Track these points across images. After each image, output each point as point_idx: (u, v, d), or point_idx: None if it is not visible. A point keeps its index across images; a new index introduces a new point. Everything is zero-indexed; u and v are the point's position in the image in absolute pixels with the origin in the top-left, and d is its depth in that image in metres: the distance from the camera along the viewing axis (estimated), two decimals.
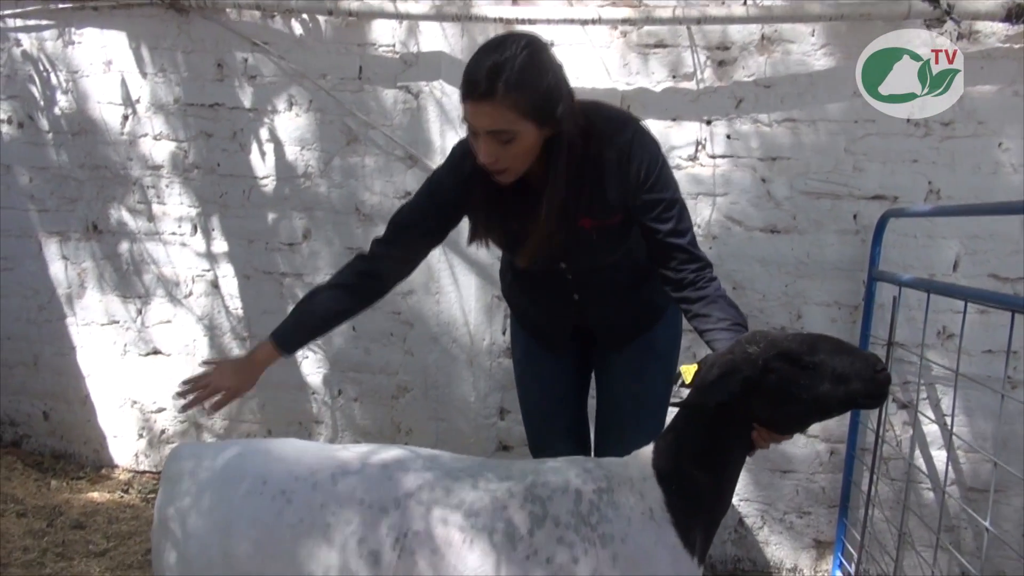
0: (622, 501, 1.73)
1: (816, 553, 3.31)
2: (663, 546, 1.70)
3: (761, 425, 1.70)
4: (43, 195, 4.01)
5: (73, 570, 3.12)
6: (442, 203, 2.13)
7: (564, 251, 2.12)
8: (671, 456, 1.75)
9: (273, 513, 1.72)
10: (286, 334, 2.17)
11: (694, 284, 1.99)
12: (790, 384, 1.61)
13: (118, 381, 4.06)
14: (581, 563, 1.67)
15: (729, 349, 1.72)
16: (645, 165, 1.98)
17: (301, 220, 3.68)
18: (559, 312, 2.34)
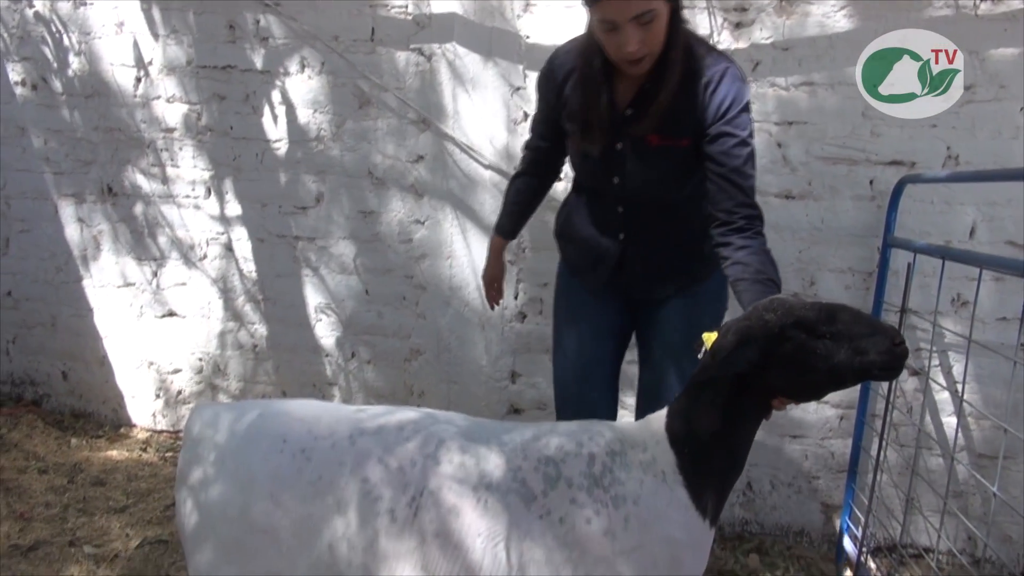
0: (635, 464, 1.75)
1: (824, 517, 3.34)
2: (675, 508, 1.72)
3: (776, 392, 1.70)
4: (58, 157, 4.03)
5: (94, 525, 3.20)
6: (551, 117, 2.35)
7: (623, 161, 2.18)
8: (684, 420, 1.76)
9: (293, 471, 1.76)
10: (504, 227, 2.66)
11: (742, 231, 2.00)
12: (806, 354, 1.60)
13: (135, 342, 4.12)
14: (593, 524, 1.69)
15: (746, 316, 1.71)
16: (731, 98, 2.03)
17: (314, 184, 3.69)
18: (603, 249, 2.35)
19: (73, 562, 2.91)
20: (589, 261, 2.42)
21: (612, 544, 1.69)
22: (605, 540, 1.69)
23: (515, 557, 1.70)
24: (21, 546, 2.99)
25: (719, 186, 2.05)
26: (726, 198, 2.04)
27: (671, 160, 2.16)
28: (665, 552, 1.71)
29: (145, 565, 2.91)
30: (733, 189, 2.04)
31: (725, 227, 2.04)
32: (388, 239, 3.63)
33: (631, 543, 1.69)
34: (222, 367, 4.01)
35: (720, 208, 2.05)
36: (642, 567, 1.70)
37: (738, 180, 2.04)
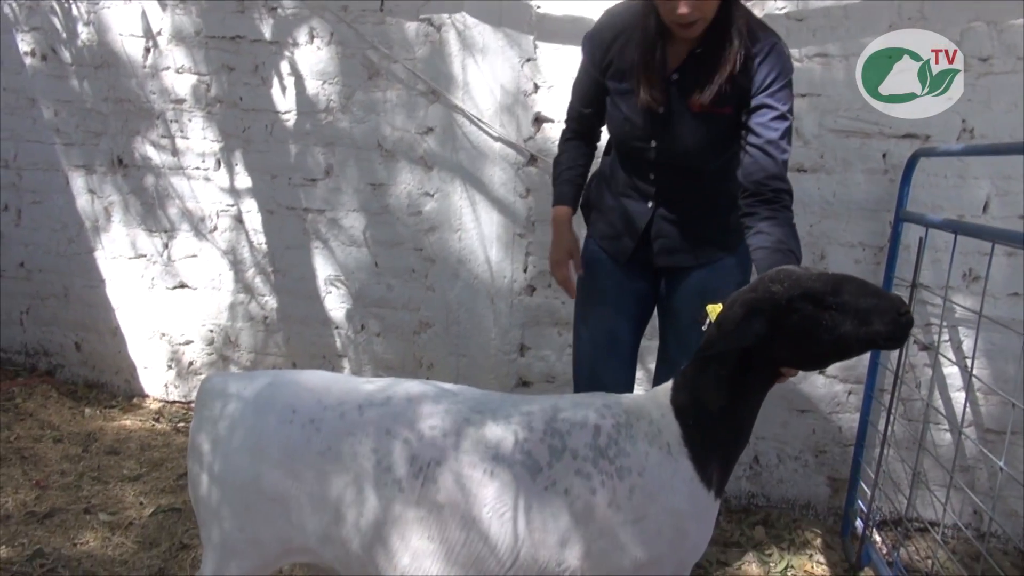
0: (640, 435, 1.76)
1: (830, 491, 3.35)
2: (680, 480, 1.73)
3: (781, 363, 1.71)
4: (68, 128, 4.03)
5: (108, 493, 3.25)
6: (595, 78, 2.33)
7: (663, 125, 2.20)
8: (689, 392, 1.77)
9: (302, 441, 1.78)
10: (564, 196, 2.48)
11: (770, 203, 2.03)
12: (813, 325, 1.60)
13: (147, 313, 4.15)
14: (598, 495, 1.71)
15: (752, 287, 1.70)
16: (776, 72, 2.07)
17: (323, 156, 3.68)
18: (632, 216, 2.38)
19: (88, 529, 2.96)
20: (617, 230, 2.44)
21: (617, 515, 1.71)
22: (610, 511, 1.71)
23: (521, 527, 1.72)
24: (37, 513, 3.04)
25: (753, 157, 2.08)
26: (758, 170, 2.06)
27: (710, 128, 2.18)
28: (670, 523, 1.73)
29: (159, 532, 2.96)
30: (767, 160, 2.06)
31: (753, 198, 2.06)
32: (397, 211, 3.62)
33: (636, 514, 1.71)
34: (233, 339, 4.04)
35: (751, 179, 2.07)
36: (647, 537, 1.72)
37: (773, 152, 2.06)
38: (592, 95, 2.40)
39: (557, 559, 1.73)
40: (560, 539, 1.72)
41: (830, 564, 2.99)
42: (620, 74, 2.25)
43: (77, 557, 2.76)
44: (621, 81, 2.26)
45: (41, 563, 2.71)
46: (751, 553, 3.04)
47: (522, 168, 3.42)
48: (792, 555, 3.03)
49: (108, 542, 2.88)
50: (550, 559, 1.73)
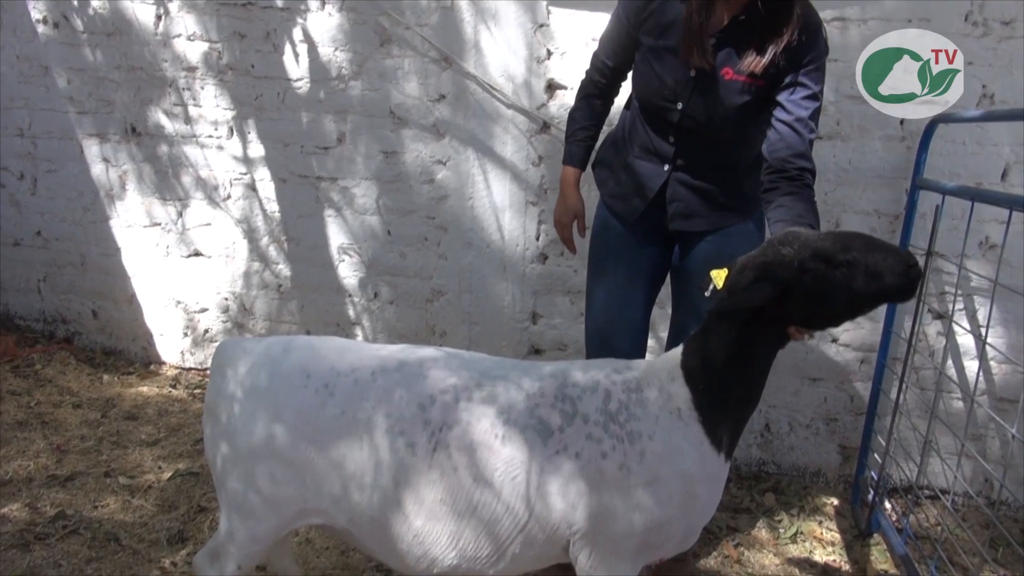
0: (650, 400, 1.78)
1: (841, 458, 3.37)
2: (690, 443, 1.75)
3: (794, 323, 1.71)
4: (81, 97, 4.04)
5: (127, 458, 3.31)
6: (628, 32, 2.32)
7: (693, 88, 2.20)
8: (700, 356, 1.78)
9: (316, 405, 1.80)
10: (573, 157, 2.54)
11: (792, 179, 2.03)
12: (825, 284, 1.61)
13: (162, 281, 4.19)
14: (609, 458, 1.74)
15: (761, 251, 1.71)
16: (812, 52, 2.08)
17: (335, 124, 3.67)
18: (646, 178, 2.37)
19: (108, 492, 3.02)
20: (629, 189, 2.43)
21: (627, 478, 1.73)
22: (620, 474, 1.73)
23: (532, 490, 1.75)
24: (58, 476, 3.10)
25: (780, 134, 2.07)
26: (785, 147, 2.06)
27: (740, 97, 2.16)
28: (680, 486, 1.75)
29: (177, 496, 3.02)
30: (794, 138, 2.06)
31: (777, 174, 2.05)
32: (410, 179, 3.62)
33: (646, 477, 1.73)
34: (248, 306, 4.08)
35: (776, 155, 2.07)
36: (657, 500, 1.74)
37: (801, 130, 2.06)
38: (620, 48, 2.37)
39: (568, 520, 1.76)
40: (571, 502, 1.75)
41: (840, 530, 3.02)
42: (659, 29, 2.22)
43: (98, 519, 2.82)
44: (659, 38, 2.23)
45: (63, 524, 2.77)
46: (761, 519, 3.07)
47: (535, 135, 3.40)
48: (802, 521, 3.06)
49: (128, 505, 2.94)
50: (561, 520, 1.76)
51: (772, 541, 2.93)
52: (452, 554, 1.79)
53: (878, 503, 2.96)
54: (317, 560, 2.66)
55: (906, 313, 3.03)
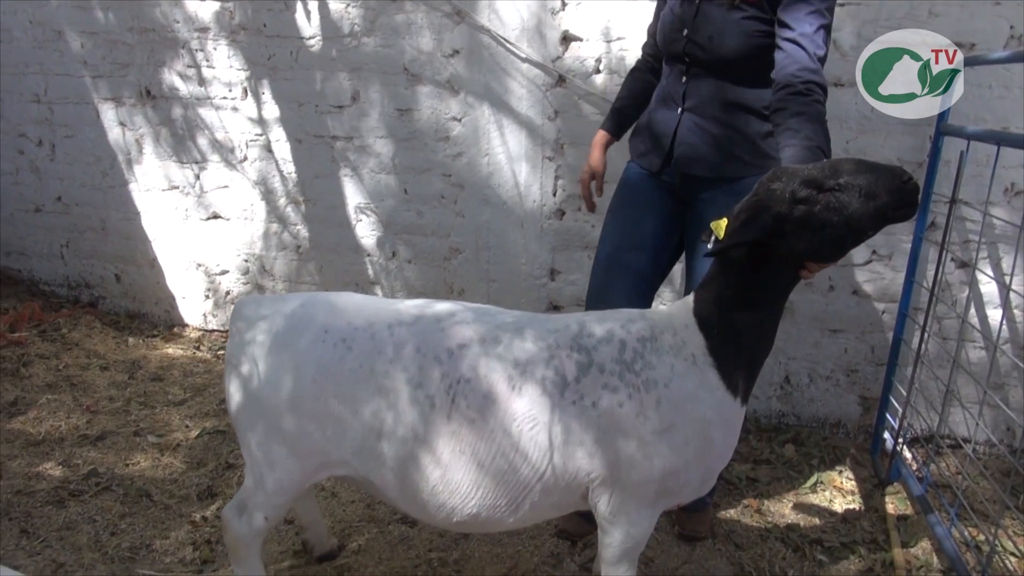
0: (665, 348, 1.79)
1: (861, 409, 3.36)
2: (706, 389, 1.77)
3: (801, 258, 1.69)
4: (95, 60, 4.03)
5: (155, 417, 3.38)
6: None
7: (695, 13, 2.25)
8: (711, 303, 1.78)
9: (335, 359, 1.82)
10: (606, 123, 2.64)
11: (801, 95, 1.98)
12: (821, 210, 1.59)
13: (182, 244, 4.22)
14: (626, 407, 1.75)
15: (753, 191, 1.70)
16: None
17: (349, 82, 3.65)
18: (664, 124, 2.40)
19: (138, 450, 3.09)
20: (650, 144, 2.46)
21: (644, 425, 1.75)
22: (637, 422, 1.75)
23: (550, 440, 1.77)
24: (90, 436, 3.18)
25: (786, 51, 2.05)
26: (791, 62, 2.02)
27: (739, 20, 2.17)
28: (697, 432, 1.77)
29: (205, 453, 3.08)
30: (800, 53, 2.02)
31: (785, 90, 2.01)
32: (425, 137, 3.60)
33: (663, 424, 1.75)
34: (267, 268, 4.11)
35: (784, 72, 2.03)
36: (674, 447, 1.76)
37: (806, 45, 2.02)
38: (657, 12, 2.47)
39: (586, 468, 1.78)
40: (589, 450, 1.77)
41: (860, 480, 3.03)
42: None
43: (129, 476, 2.89)
44: None
45: (96, 481, 2.84)
46: (781, 470, 3.08)
47: (550, 89, 3.36)
48: (822, 472, 3.07)
49: (158, 462, 3.01)
50: (579, 468, 1.78)
51: (792, 491, 2.95)
52: (471, 503, 1.82)
53: (898, 452, 2.96)
54: (343, 513, 2.71)
55: (929, 262, 3.00)
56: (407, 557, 2.47)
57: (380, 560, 2.45)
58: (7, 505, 2.67)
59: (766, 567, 2.48)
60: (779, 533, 2.66)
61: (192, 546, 2.51)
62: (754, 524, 2.72)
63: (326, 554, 2.44)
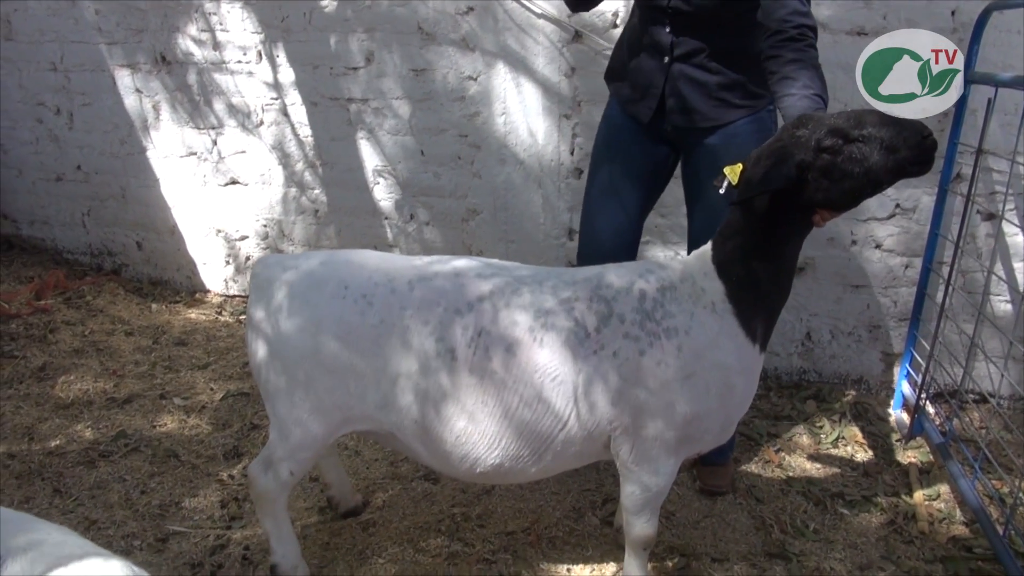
0: (684, 297, 1.81)
1: (884, 365, 3.34)
2: (725, 336, 1.78)
3: (816, 206, 1.70)
4: (110, 27, 4.02)
5: (181, 380, 3.42)
6: None
7: None
8: (730, 250, 1.78)
9: (356, 314, 1.83)
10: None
11: (794, 40, 1.94)
12: (844, 160, 1.62)
13: (201, 211, 4.24)
14: (647, 355, 1.76)
15: (776, 137, 1.70)
16: None
17: (364, 42, 3.61)
18: (651, 75, 2.35)
19: (165, 412, 3.14)
20: (639, 93, 2.40)
21: (666, 373, 1.76)
22: (659, 370, 1.76)
23: (572, 390, 1.78)
24: (117, 399, 3.23)
25: None
26: (780, 6, 1.97)
27: None
28: (718, 378, 1.79)
29: (230, 414, 3.13)
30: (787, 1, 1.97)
31: (776, 36, 1.97)
32: (441, 97, 3.57)
33: (684, 372, 1.77)
34: (286, 232, 4.12)
35: (773, 17, 1.98)
36: (696, 394, 1.78)
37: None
38: None
39: (609, 417, 1.80)
40: (611, 399, 1.78)
41: (881, 435, 3.02)
42: None
43: (157, 437, 2.94)
44: None
45: (125, 443, 2.89)
46: (802, 425, 3.08)
47: (567, 45, 3.31)
48: (843, 427, 3.06)
49: (184, 424, 3.06)
50: (601, 417, 1.80)
51: (813, 446, 2.95)
52: (494, 454, 1.84)
53: (921, 407, 2.94)
54: (367, 471, 2.75)
55: (954, 215, 2.95)
56: (430, 512, 2.51)
57: (404, 515, 2.49)
58: (39, 466, 2.73)
59: (787, 520, 2.49)
60: (800, 487, 2.67)
61: (220, 503, 2.56)
62: (775, 478, 2.73)
63: (351, 510, 2.48)
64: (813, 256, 3.27)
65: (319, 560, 2.27)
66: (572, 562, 2.28)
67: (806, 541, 2.40)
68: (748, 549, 2.36)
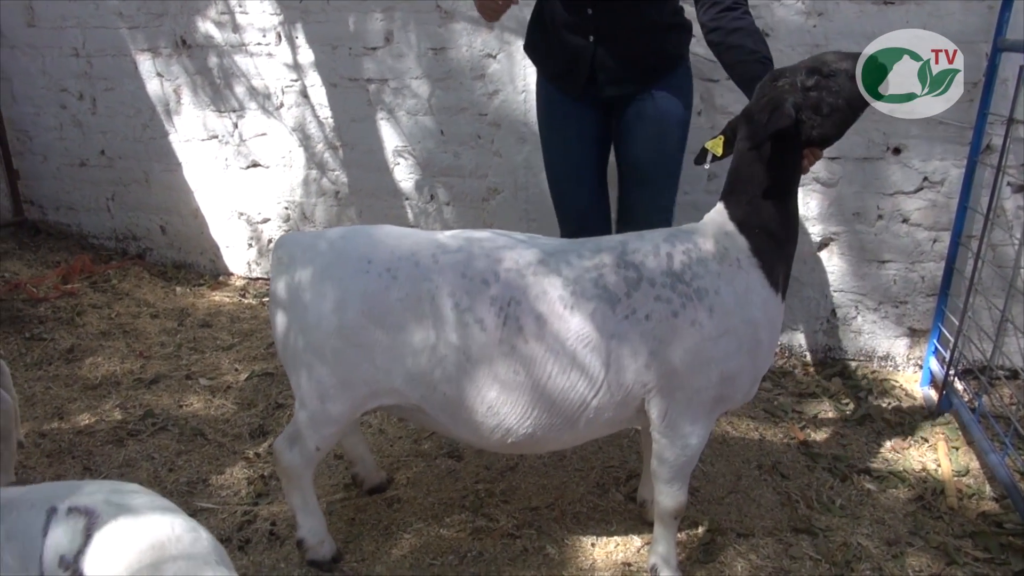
0: (710, 257, 1.85)
1: (910, 341, 3.30)
2: (753, 291, 1.84)
3: (810, 143, 1.85)
4: (130, 11, 4.04)
5: (206, 361, 3.46)
6: None
7: None
8: (745, 202, 1.86)
9: (380, 289, 1.83)
10: None
11: (731, 9, 2.14)
12: (827, 93, 1.80)
13: (224, 194, 4.27)
14: (680, 316, 1.79)
15: (760, 94, 1.85)
16: None
17: (382, 22, 3.60)
18: (576, 52, 2.46)
19: (191, 392, 3.17)
20: (564, 67, 2.53)
21: (700, 333, 1.79)
22: (693, 330, 1.79)
23: (605, 356, 1.79)
24: (144, 380, 3.27)
25: None
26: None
27: None
28: (748, 333, 1.84)
29: (255, 394, 3.16)
30: None
31: (714, 8, 2.16)
32: (460, 76, 3.55)
33: (718, 330, 1.80)
34: (308, 214, 4.13)
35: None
36: (729, 351, 1.82)
37: None
38: None
39: (643, 380, 1.82)
40: (645, 362, 1.81)
41: (909, 412, 2.99)
42: None
43: (184, 417, 2.98)
44: None
45: (152, 422, 2.93)
46: (827, 402, 3.05)
47: None
48: (870, 404, 3.03)
49: (210, 403, 3.09)
50: (635, 381, 1.82)
51: (839, 423, 2.92)
52: (526, 424, 1.84)
53: (950, 383, 2.90)
54: (391, 448, 2.77)
55: (983, 187, 2.89)
56: (454, 489, 2.52)
57: (428, 492, 2.50)
58: (69, 445, 2.78)
59: (813, 496, 2.47)
60: (826, 463, 2.65)
61: (247, 481, 2.59)
62: (800, 455, 2.71)
63: (376, 487, 2.49)
64: (838, 231, 3.22)
65: (345, 535, 2.29)
66: (597, 537, 2.29)
67: (832, 516, 2.38)
68: (774, 524, 2.34)
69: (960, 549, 2.22)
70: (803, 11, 3.02)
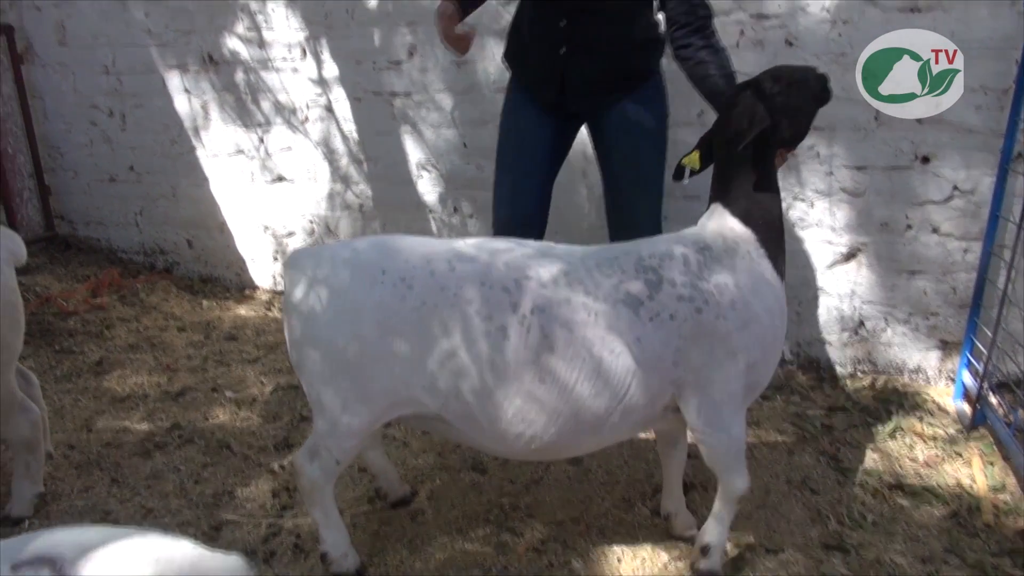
0: (722, 253, 1.92)
1: (942, 354, 3.23)
2: (764, 282, 1.93)
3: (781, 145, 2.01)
4: (159, 29, 4.11)
5: (232, 374, 3.48)
6: None
7: None
8: (744, 197, 1.96)
9: (396, 299, 1.82)
10: None
11: (700, 31, 2.29)
12: (791, 98, 1.96)
13: (250, 208, 4.31)
14: (705, 312, 1.83)
15: (733, 105, 1.99)
16: None
17: (406, 36, 3.63)
18: (549, 65, 2.52)
19: (217, 405, 3.19)
20: (538, 76, 2.60)
21: (725, 325, 1.84)
22: (718, 323, 1.84)
23: (631, 360, 1.80)
24: (171, 392, 3.30)
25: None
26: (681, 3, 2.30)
27: None
28: (766, 322, 1.91)
29: (280, 407, 3.17)
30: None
31: (685, 29, 2.29)
32: (483, 88, 3.57)
33: (740, 322, 1.86)
34: (332, 228, 4.16)
35: (678, 12, 2.31)
36: (751, 340, 1.88)
37: None
38: None
39: (671, 378, 1.85)
40: (673, 360, 1.84)
41: (941, 426, 2.92)
42: None
43: (210, 429, 2.99)
44: None
45: (179, 434, 2.95)
46: (857, 416, 3.00)
47: None
48: (901, 418, 2.97)
49: (236, 416, 3.11)
50: (663, 379, 1.85)
51: (869, 438, 2.86)
52: (552, 430, 1.83)
53: (984, 396, 2.84)
54: (415, 461, 2.76)
55: (1015, 196, 2.84)
56: (479, 502, 2.50)
57: (452, 505, 2.49)
58: (97, 457, 2.80)
59: (844, 512, 2.42)
60: (857, 478, 2.60)
61: (272, 493, 2.59)
62: (830, 470, 2.66)
63: (399, 500, 2.48)
64: (865, 241, 3.18)
65: (369, 549, 2.28)
66: (623, 551, 2.26)
67: (864, 533, 2.33)
68: (804, 540, 2.30)
69: (998, 567, 2.17)
70: (828, 19, 2.99)
